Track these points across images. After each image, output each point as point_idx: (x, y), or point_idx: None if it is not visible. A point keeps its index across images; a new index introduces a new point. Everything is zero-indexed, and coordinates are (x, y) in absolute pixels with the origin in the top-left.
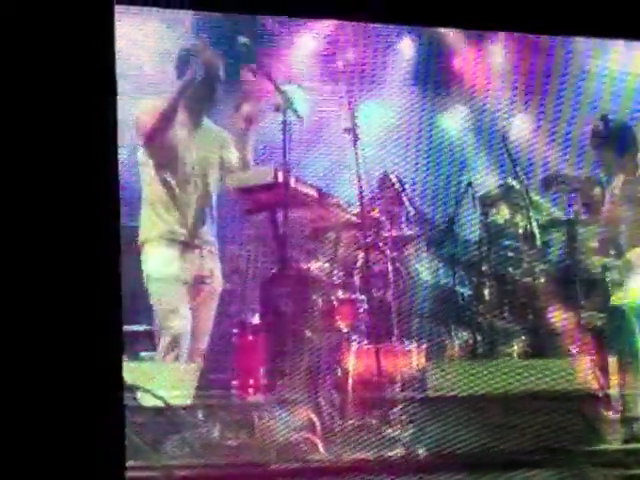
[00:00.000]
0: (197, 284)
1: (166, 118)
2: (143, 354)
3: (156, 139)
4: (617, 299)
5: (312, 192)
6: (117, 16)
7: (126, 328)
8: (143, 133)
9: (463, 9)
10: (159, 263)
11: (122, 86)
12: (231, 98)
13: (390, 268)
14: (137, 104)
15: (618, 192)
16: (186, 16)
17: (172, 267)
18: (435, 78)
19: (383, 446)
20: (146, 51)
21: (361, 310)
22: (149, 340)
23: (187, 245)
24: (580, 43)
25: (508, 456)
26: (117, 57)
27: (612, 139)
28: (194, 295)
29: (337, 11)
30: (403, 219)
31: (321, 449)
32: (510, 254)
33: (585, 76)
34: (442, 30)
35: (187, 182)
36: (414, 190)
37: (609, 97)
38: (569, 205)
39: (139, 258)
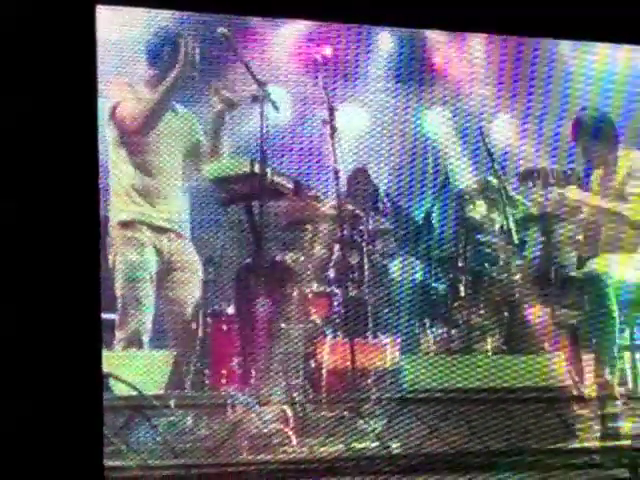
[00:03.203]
0: (167, 271)
1: (153, 114)
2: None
3: (140, 133)
4: (595, 295)
5: (288, 184)
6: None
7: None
8: (126, 127)
9: (445, 11)
10: (126, 248)
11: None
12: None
13: (366, 262)
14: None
15: (596, 187)
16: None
17: (140, 252)
18: (415, 75)
19: (356, 439)
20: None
21: (336, 303)
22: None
23: (158, 230)
24: (562, 43)
25: (484, 457)
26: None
27: (594, 131)
28: (164, 282)
29: (317, 12)
30: (379, 213)
31: (294, 441)
32: (486, 250)
33: (567, 73)
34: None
35: (159, 166)
36: (391, 184)
37: (591, 95)
38: (546, 200)
39: (104, 242)
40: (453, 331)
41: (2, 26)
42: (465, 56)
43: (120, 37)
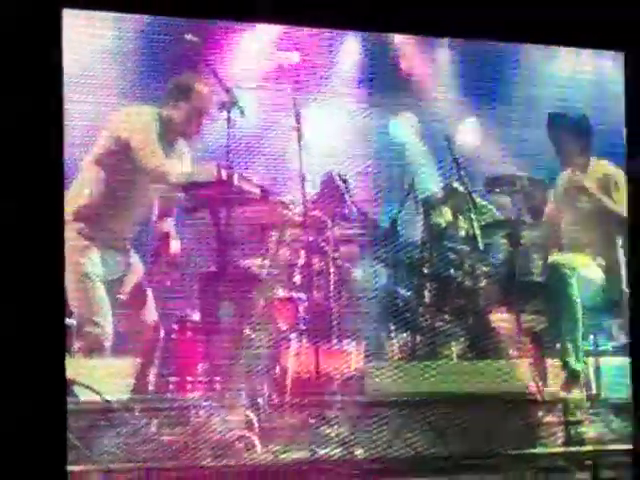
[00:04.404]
0: (122, 282)
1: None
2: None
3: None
4: (560, 301)
5: (255, 190)
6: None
7: None
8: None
9: (412, 15)
10: (80, 259)
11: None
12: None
13: (331, 268)
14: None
15: (561, 193)
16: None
17: (94, 264)
18: (382, 80)
19: (320, 446)
20: (92, 52)
21: (301, 309)
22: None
23: (111, 243)
24: (528, 47)
25: (447, 461)
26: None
27: (568, 129)
28: (119, 293)
29: (285, 16)
30: (346, 219)
31: (258, 447)
32: (452, 256)
33: (532, 80)
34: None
35: (130, 183)
36: (358, 191)
37: (559, 101)
38: (512, 207)
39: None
40: (418, 337)
41: None
42: (432, 61)
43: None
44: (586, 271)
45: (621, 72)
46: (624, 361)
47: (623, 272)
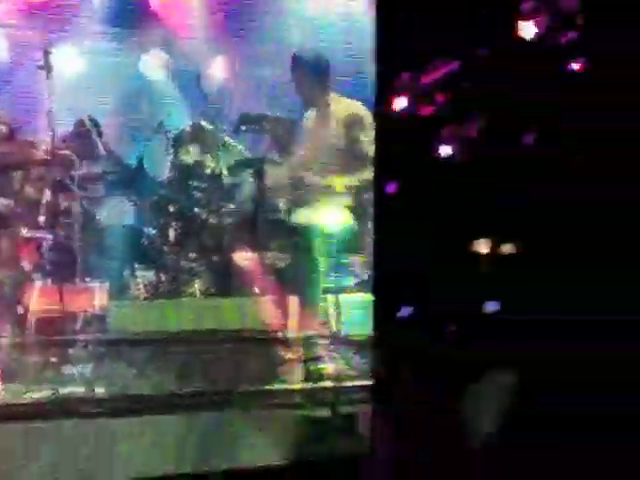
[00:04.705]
0: None
1: None
2: None
3: None
4: (302, 238)
5: (2, 128)
6: None
7: None
8: None
9: None
10: None
11: None
12: None
13: (77, 207)
14: None
15: (308, 131)
16: None
17: None
18: (132, 18)
19: (62, 384)
20: None
21: (45, 248)
22: None
23: None
24: None
25: (191, 399)
26: None
27: (309, 70)
28: None
29: None
30: (93, 158)
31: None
32: (198, 194)
33: (281, 18)
34: None
35: None
36: (107, 130)
37: (306, 40)
38: (259, 145)
39: None
40: (162, 275)
41: None
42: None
43: None
44: (331, 209)
45: (371, 8)
46: (366, 297)
47: (369, 209)
